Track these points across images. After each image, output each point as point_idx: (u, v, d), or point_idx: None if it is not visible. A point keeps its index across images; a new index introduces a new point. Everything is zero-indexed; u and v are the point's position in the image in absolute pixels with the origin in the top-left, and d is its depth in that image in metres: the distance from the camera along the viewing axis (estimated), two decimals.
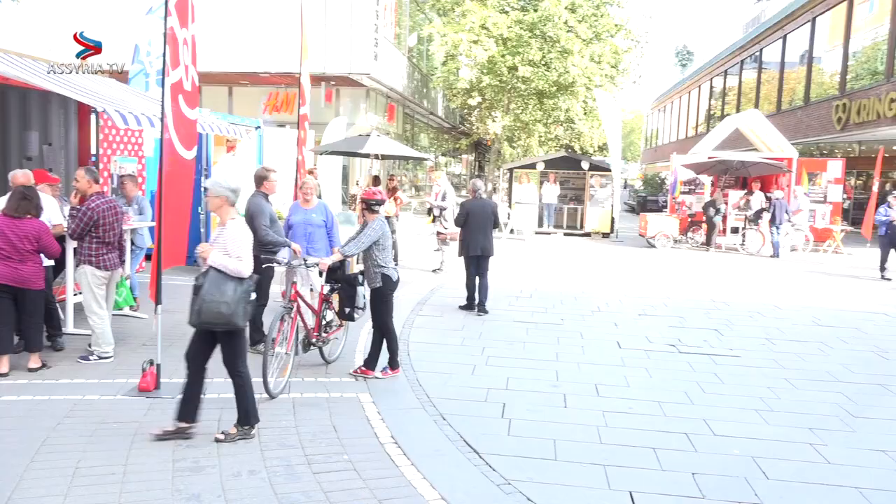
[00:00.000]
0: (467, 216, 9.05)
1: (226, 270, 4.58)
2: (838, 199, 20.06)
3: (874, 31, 23.74)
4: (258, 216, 6.58)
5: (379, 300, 6.20)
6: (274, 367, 5.50)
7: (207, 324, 4.57)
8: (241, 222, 4.78)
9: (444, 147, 39.45)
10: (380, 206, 6.23)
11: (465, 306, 9.20)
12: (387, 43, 20.72)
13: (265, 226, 6.55)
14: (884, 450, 4.97)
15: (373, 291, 6.19)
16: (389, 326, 6.24)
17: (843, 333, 8.69)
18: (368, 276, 6.16)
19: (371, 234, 6.05)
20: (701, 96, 43.72)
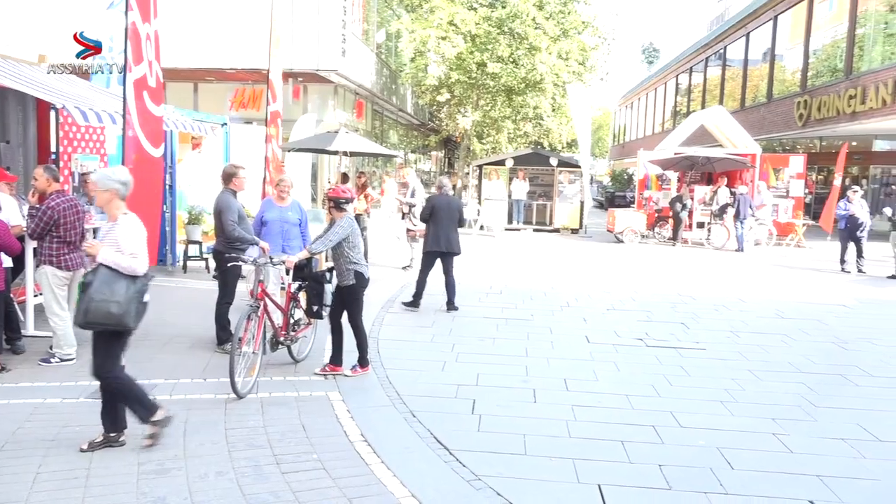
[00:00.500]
0: (432, 210, 9.00)
1: (118, 268, 4.29)
2: (800, 194, 20.50)
3: (833, 30, 24.28)
4: (226, 212, 6.50)
5: (351, 298, 6.15)
6: (241, 367, 5.43)
7: (95, 324, 4.27)
8: (134, 218, 4.49)
9: (414, 144, 39.37)
10: (348, 203, 6.17)
11: (410, 303, 9.01)
12: (355, 39, 20.58)
13: (232, 221, 6.47)
14: (843, 438, 5.10)
15: (345, 289, 6.11)
16: (360, 325, 6.20)
17: (805, 325, 8.88)
18: (340, 273, 6.10)
19: (339, 231, 5.98)
20: (667, 93, 44.28)
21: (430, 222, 9.03)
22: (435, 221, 8.99)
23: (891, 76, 19.26)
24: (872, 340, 8.19)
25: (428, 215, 9.05)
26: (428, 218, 9.05)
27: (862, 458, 4.76)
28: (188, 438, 4.63)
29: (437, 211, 8.99)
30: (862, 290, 11.95)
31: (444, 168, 51.82)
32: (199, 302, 8.54)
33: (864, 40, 22.30)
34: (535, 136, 28.06)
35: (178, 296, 9.21)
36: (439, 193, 9.31)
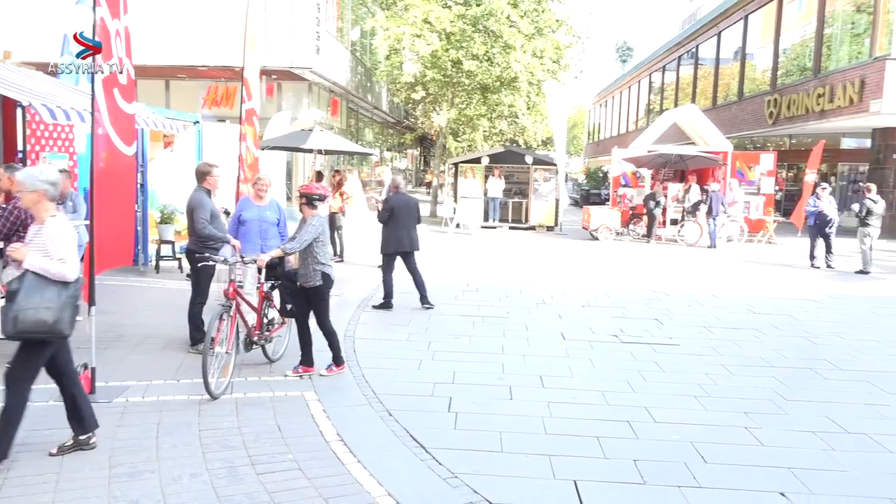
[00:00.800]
0: (392, 212, 8.91)
1: (46, 274, 4.03)
2: (771, 191, 20.82)
3: (802, 29, 24.69)
4: (198, 209, 6.43)
5: (319, 299, 6.07)
6: (215, 367, 5.37)
7: (26, 333, 4.01)
8: (63, 220, 4.27)
9: (389, 142, 39.28)
10: (321, 201, 6.10)
11: (381, 305, 8.95)
12: (329, 37, 20.47)
13: (203, 219, 6.40)
14: (813, 430, 5.19)
15: (311, 290, 6.03)
16: (329, 325, 6.14)
17: (776, 320, 9.02)
18: (306, 274, 6.00)
19: (311, 230, 5.90)
20: (641, 91, 44.71)
21: (390, 223, 8.93)
22: (395, 222, 8.90)
23: (857, 75, 19.63)
24: (840, 335, 8.35)
25: (387, 216, 8.92)
26: (387, 219, 8.93)
27: (831, 450, 4.85)
28: (161, 440, 4.58)
29: (396, 211, 8.91)
30: (831, 285, 12.18)
31: (419, 166, 51.81)
32: (171, 302, 8.44)
33: (831, 40, 22.71)
34: (511, 134, 28.15)
35: (151, 296, 9.09)
36: (396, 193, 9.23)
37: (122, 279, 9.68)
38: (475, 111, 23.80)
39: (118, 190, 6.06)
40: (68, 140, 9.56)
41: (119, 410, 5.06)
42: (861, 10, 21.24)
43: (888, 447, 4.92)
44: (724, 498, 4.11)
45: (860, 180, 22.09)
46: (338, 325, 7.87)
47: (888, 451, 4.85)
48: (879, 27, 19.48)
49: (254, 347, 6.09)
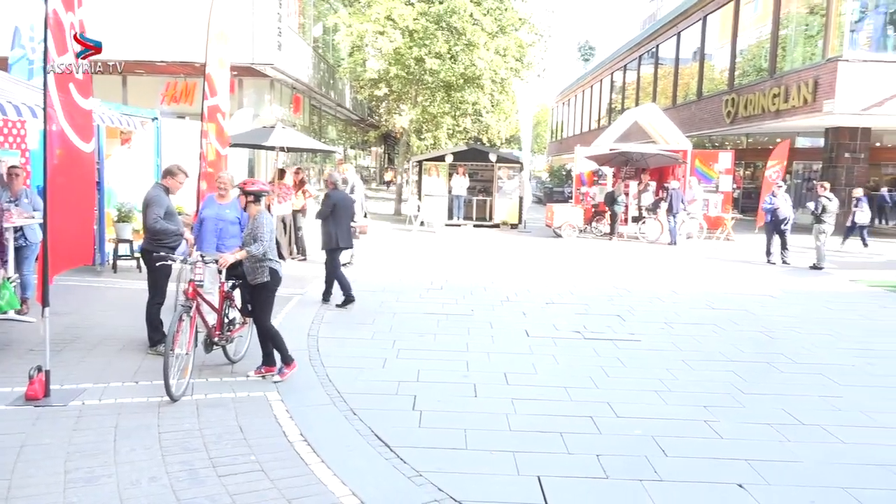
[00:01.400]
0: (334, 208, 8.89)
1: None
2: (729, 189, 21.27)
3: (759, 31, 25.25)
4: (153, 206, 6.30)
5: (265, 296, 5.89)
6: (175, 369, 5.27)
7: None
8: None
9: (353, 139, 39.06)
10: (264, 195, 5.94)
11: (344, 302, 8.89)
12: (291, 33, 20.24)
13: (157, 215, 6.26)
14: (769, 423, 5.31)
15: (257, 287, 5.85)
16: (269, 325, 5.93)
17: (734, 315, 9.21)
18: (253, 270, 5.80)
19: (268, 227, 5.78)
20: (602, 90, 45.22)
21: (331, 219, 8.89)
22: (336, 218, 8.89)
23: (811, 76, 20.15)
24: (796, 329, 8.57)
25: (329, 212, 8.89)
26: (328, 215, 8.89)
27: (787, 442, 4.97)
28: (119, 444, 4.48)
29: (338, 208, 8.91)
30: (786, 280, 12.49)
31: (383, 164, 51.61)
32: (129, 302, 8.26)
33: (786, 41, 23.27)
34: (475, 131, 28.22)
35: (108, 296, 8.89)
36: (336, 189, 9.22)
37: (78, 279, 9.44)
38: (439, 109, 23.80)
39: (76, 188, 5.90)
40: (20, 136, 9.29)
41: (75, 414, 4.93)
42: (814, 12, 21.81)
43: (841, 437, 5.06)
44: (684, 490, 4.19)
45: (814, 178, 22.70)
46: (301, 324, 7.84)
47: (841, 442, 5.00)
48: (832, 29, 20.03)
49: (214, 348, 5.99)
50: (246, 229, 5.92)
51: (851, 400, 5.92)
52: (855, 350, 7.63)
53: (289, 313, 8.38)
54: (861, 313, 9.71)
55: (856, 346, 7.80)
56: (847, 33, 19.58)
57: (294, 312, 8.47)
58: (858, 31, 20.07)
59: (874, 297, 11.17)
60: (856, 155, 21.12)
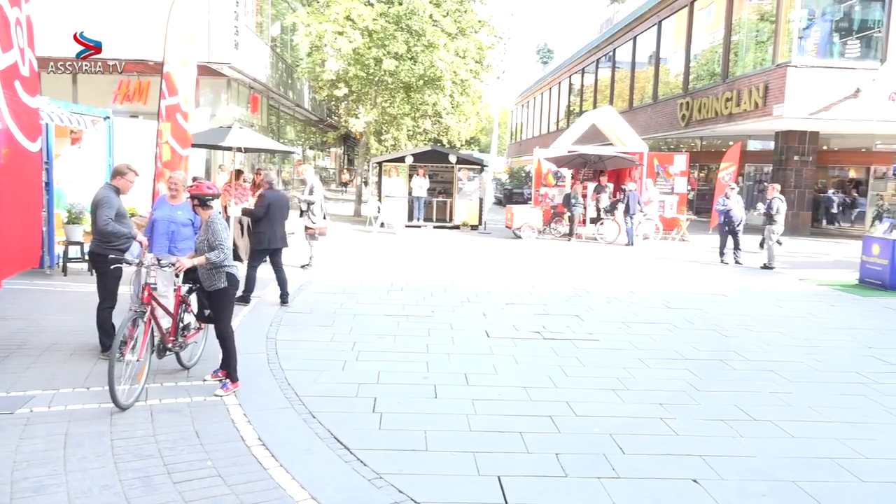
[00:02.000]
0: (268, 208, 8.86)
1: None
2: (684, 191, 21.71)
3: (712, 36, 25.85)
4: (103, 206, 6.12)
5: (225, 302, 5.71)
6: (126, 375, 5.13)
7: None
8: None
9: (312, 140, 38.72)
10: (215, 200, 5.72)
11: (241, 298, 8.64)
12: (248, 32, 19.98)
13: (108, 216, 6.10)
14: (723, 419, 5.44)
15: (215, 294, 5.68)
16: (230, 332, 5.74)
17: (689, 314, 9.41)
18: (209, 277, 5.61)
19: (223, 231, 5.57)
20: (561, 93, 45.74)
21: (265, 219, 8.86)
22: (271, 218, 8.87)
23: (762, 81, 20.72)
24: (748, 327, 8.79)
25: (263, 213, 8.86)
26: (263, 215, 8.85)
27: (739, 437, 5.10)
28: (69, 452, 4.35)
29: (272, 208, 8.89)
30: (739, 280, 12.80)
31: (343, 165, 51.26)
32: (80, 306, 8.04)
33: (738, 47, 23.88)
34: (435, 133, 28.25)
35: (58, 300, 8.63)
36: (271, 189, 9.20)
37: (26, 283, 9.15)
38: (399, 110, 23.75)
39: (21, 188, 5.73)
40: None
41: (22, 422, 4.78)
42: (764, 19, 22.42)
43: (790, 432, 5.21)
44: (641, 487, 4.26)
45: (765, 180, 23.32)
46: (259, 326, 7.74)
47: (790, 437, 5.14)
48: (781, 36, 20.62)
49: (167, 354, 5.81)
50: (200, 234, 5.71)
51: (800, 396, 6.10)
52: (804, 347, 7.86)
53: (247, 316, 8.26)
54: (809, 312, 10.00)
55: (804, 344, 8.03)
56: (795, 40, 20.19)
57: (252, 315, 8.36)
58: (806, 38, 20.71)
59: (822, 295, 11.53)
60: (804, 158, 21.76)
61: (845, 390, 6.33)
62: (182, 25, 9.32)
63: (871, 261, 12.49)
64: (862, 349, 7.89)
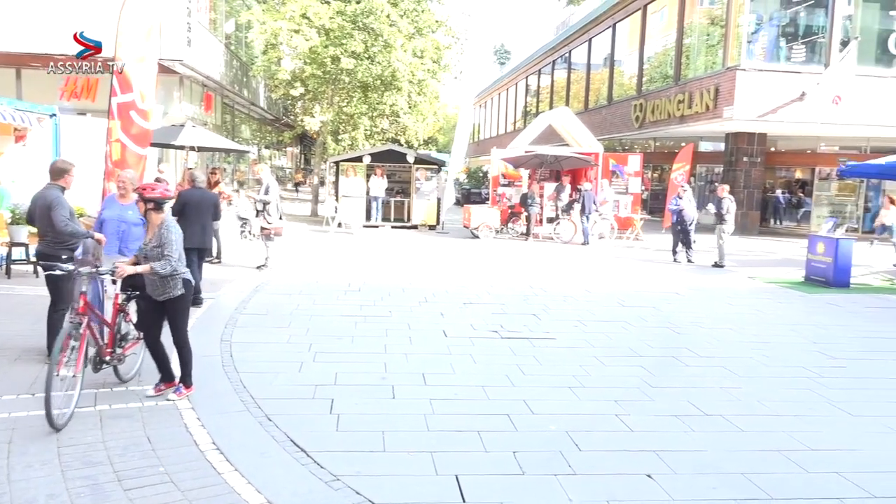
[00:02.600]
0: (183, 207, 8.73)
1: None
2: (638, 191, 22.09)
3: (664, 39, 26.36)
4: (58, 207, 5.93)
5: (181, 310, 5.41)
6: (62, 392, 4.76)
7: None
8: None
9: (268, 139, 38.21)
10: (167, 203, 5.44)
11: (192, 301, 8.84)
12: (201, 28, 19.61)
13: (65, 217, 5.92)
14: (676, 414, 5.55)
15: (170, 303, 5.32)
16: (187, 339, 5.50)
17: (643, 312, 9.58)
18: (162, 286, 5.26)
19: (175, 238, 5.24)
20: (518, 93, 46.10)
21: (181, 218, 8.68)
22: (186, 217, 8.68)
23: (712, 83, 21.21)
24: (700, 324, 8.99)
25: (179, 211, 8.68)
26: (175, 214, 8.67)
27: (691, 432, 5.21)
28: (13, 460, 4.21)
29: (188, 207, 8.74)
30: (691, 278, 13.09)
31: (299, 164, 50.72)
32: (25, 310, 7.79)
33: (690, 50, 24.40)
34: (393, 132, 28.17)
35: (2, 304, 8.33)
36: (191, 187, 9.10)
37: None
38: (356, 109, 23.61)
39: None
40: None
41: None
42: (715, 23, 22.97)
43: (740, 426, 5.35)
44: (596, 483, 4.32)
45: (716, 181, 23.89)
46: (213, 329, 7.60)
47: (740, 430, 5.28)
48: (731, 40, 21.15)
49: (104, 367, 5.39)
50: (146, 239, 5.36)
51: (750, 390, 6.26)
52: (752, 343, 8.08)
53: (200, 318, 8.11)
54: (758, 308, 10.29)
55: (753, 340, 8.26)
56: (744, 44, 20.73)
57: (206, 317, 8.21)
58: (754, 43, 21.29)
59: (770, 293, 11.87)
60: (753, 159, 22.37)
61: (792, 384, 6.53)
62: (137, 21, 9.08)
63: (816, 259, 12.91)
64: (808, 344, 8.14)
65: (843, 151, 23.30)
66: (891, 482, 4.48)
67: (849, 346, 8.17)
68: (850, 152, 23.09)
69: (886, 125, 20.79)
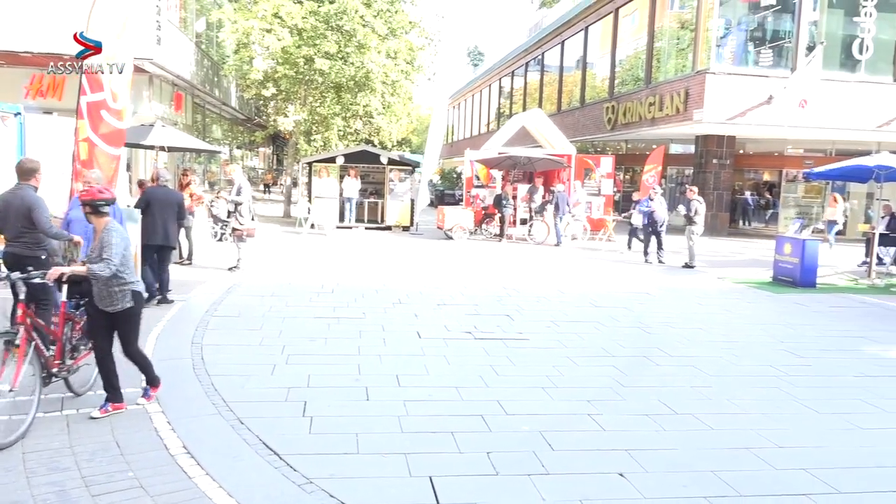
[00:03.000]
0: (147, 204, 8.80)
1: None
2: (610, 192, 22.30)
3: (636, 42, 26.65)
4: (39, 209, 5.81)
5: (131, 323, 5.10)
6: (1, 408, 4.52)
7: None
8: None
9: (240, 140, 37.86)
10: (109, 206, 5.02)
11: (160, 299, 8.81)
12: (171, 27, 19.35)
13: (48, 218, 5.82)
14: (647, 414, 5.62)
15: (118, 315, 5.01)
16: (138, 351, 5.21)
17: (615, 313, 9.67)
18: (109, 297, 4.96)
19: (117, 242, 4.89)
20: (491, 95, 46.24)
21: (146, 215, 8.78)
22: (150, 214, 8.79)
23: (682, 87, 21.50)
24: (671, 324, 9.10)
25: (143, 208, 8.76)
26: (143, 211, 8.77)
27: (663, 431, 5.27)
28: None
29: (152, 205, 8.81)
30: (662, 278, 13.25)
31: (271, 165, 50.32)
32: None
33: (660, 53, 24.71)
34: (366, 133, 28.09)
35: None
36: (156, 185, 9.15)
37: None
38: (329, 110, 23.50)
39: None
40: None
41: None
42: (685, 27, 23.29)
43: (710, 424, 5.43)
44: (569, 482, 4.35)
45: (686, 183, 24.22)
46: (184, 331, 7.50)
47: (710, 429, 5.36)
48: (700, 44, 21.46)
49: (53, 381, 5.06)
50: (93, 245, 5.04)
51: (719, 389, 6.36)
52: (722, 343, 8.21)
53: (171, 320, 8.00)
54: (727, 308, 10.45)
55: (722, 339, 8.38)
56: (714, 48, 21.05)
57: (177, 319, 8.10)
58: (723, 47, 21.63)
59: (739, 293, 12.07)
60: (722, 161, 22.72)
61: (760, 383, 6.64)
62: (109, 20, 8.91)
63: (784, 259, 13.15)
64: (775, 343, 8.29)
65: (808, 154, 23.80)
66: (855, 478, 4.59)
67: (814, 344, 8.34)
68: (816, 155, 23.60)
69: (851, 128, 21.27)
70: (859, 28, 21.17)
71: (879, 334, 9.04)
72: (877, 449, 5.11)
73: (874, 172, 14.03)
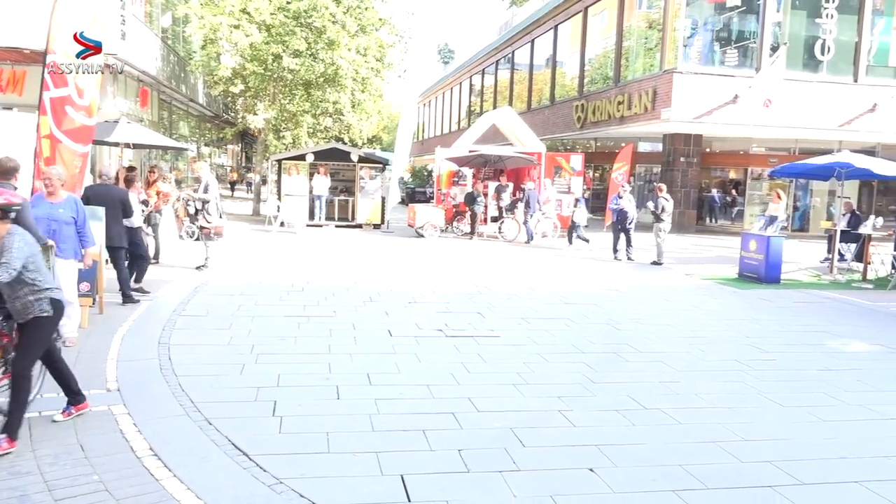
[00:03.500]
0: (87, 202, 8.40)
1: None
2: (580, 190, 22.45)
3: (605, 41, 26.90)
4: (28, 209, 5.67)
5: (43, 333, 4.67)
6: None
7: None
8: None
9: (208, 137, 37.35)
10: (13, 212, 4.56)
11: (126, 297, 8.68)
12: (136, 21, 19.00)
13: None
14: (617, 409, 5.67)
15: (30, 324, 4.60)
16: (29, 372, 4.58)
17: (585, 309, 9.75)
18: (25, 309, 4.56)
19: (20, 248, 4.44)
20: (462, 93, 46.30)
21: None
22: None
23: (651, 86, 21.76)
24: (640, 321, 9.21)
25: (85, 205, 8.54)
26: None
27: (632, 426, 5.33)
28: None
29: (91, 201, 8.43)
30: (631, 275, 13.40)
31: (240, 162, 49.74)
32: None
33: (629, 52, 24.98)
34: (336, 131, 27.92)
35: None
36: (99, 182, 8.97)
37: None
38: (298, 107, 23.30)
39: None
40: None
41: None
42: (652, 27, 23.57)
43: (678, 419, 5.51)
44: (540, 478, 4.37)
45: (654, 180, 24.52)
46: (150, 331, 7.39)
47: (678, 423, 5.43)
48: (667, 43, 21.74)
49: None
50: None
51: (687, 384, 6.45)
52: (689, 338, 8.33)
53: (137, 320, 7.87)
54: (694, 304, 10.61)
55: (690, 335, 8.51)
56: (681, 48, 21.34)
57: (143, 319, 7.97)
58: (690, 46, 21.94)
59: (706, 289, 12.26)
60: (689, 159, 23.05)
61: (726, 377, 6.75)
62: (74, 14, 8.69)
63: (749, 256, 13.39)
64: (741, 338, 8.44)
65: (773, 152, 24.26)
66: (817, 469, 4.69)
67: (778, 339, 8.51)
68: (780, 153, 24.06)
69: (813, 127, 21.74)
70: (821, 29, 21.65)
71: (841, 329, 9.26)
72: (839, 441, 5.23)
73: (836, 170, 14.36)
